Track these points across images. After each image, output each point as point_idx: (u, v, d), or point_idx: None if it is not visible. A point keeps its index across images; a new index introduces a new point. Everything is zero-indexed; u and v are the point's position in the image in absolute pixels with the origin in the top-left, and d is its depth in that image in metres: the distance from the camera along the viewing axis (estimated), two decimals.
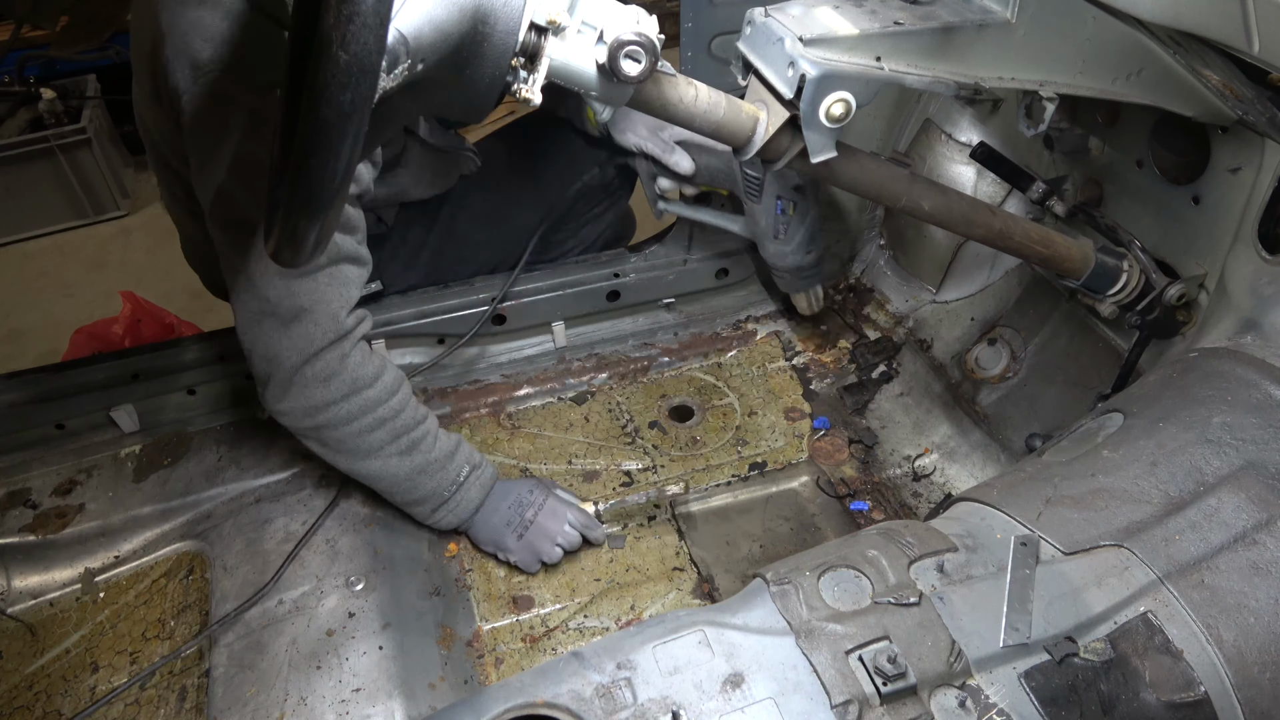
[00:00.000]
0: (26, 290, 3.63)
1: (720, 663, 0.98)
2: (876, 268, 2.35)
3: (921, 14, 1.18)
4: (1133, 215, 1.64)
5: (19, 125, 3.74)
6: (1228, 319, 1.38)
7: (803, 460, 2.00)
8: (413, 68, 0.85)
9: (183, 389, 1.90)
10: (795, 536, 1.84)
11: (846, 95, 1.13)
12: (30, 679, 1.59)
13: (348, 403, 1.54)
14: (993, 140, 1.96)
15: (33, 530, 1.73)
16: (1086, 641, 1.00)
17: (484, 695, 0.97)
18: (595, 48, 1.00)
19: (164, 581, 1.71)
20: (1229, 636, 1.00)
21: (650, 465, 1.97)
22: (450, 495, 1.69)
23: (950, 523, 1.16)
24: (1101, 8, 1.22)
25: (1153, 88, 1.31)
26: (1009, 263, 2.04)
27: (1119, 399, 1.34)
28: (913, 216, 1.44)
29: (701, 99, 1.15)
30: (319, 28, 0.66)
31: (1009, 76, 1.23)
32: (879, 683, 0.94)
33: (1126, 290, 1.57)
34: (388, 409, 1.59)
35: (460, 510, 1.71)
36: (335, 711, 1.41)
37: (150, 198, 4.07)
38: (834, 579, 1.05)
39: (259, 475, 1.80)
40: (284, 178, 0.75)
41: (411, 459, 1.63)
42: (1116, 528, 1.08)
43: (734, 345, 2.26)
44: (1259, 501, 1.07)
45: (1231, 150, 1.42)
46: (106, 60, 3.95)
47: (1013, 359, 1.96)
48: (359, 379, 1.54)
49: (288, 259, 0.84)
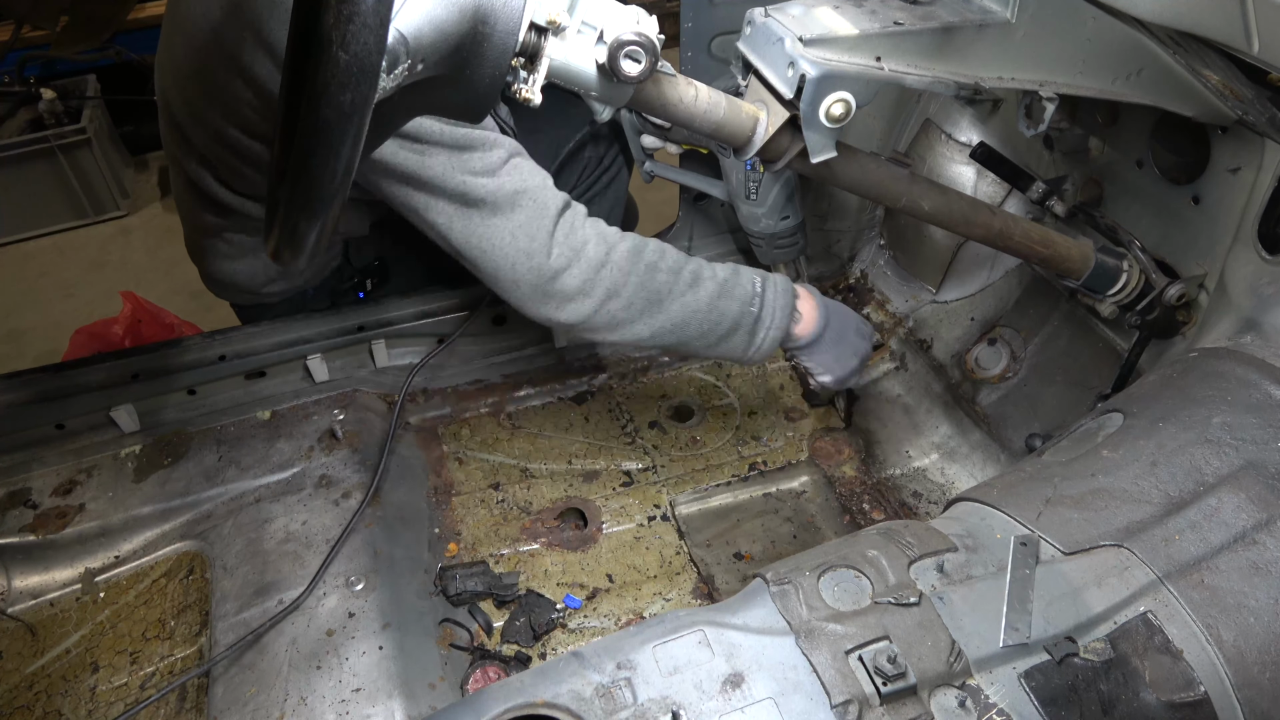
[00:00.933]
0: (26, 290, 3.63)
1: (720, 663, 0.98)
2: (876, 268, 2.35)
3: (921, 14, 1.18)
4: (1133, 215, 1.64)
5: (19, 125, 3.74)
6: (1228, 319, 1.38)
7: (803, 460, 2.00)
8: (413, 68, 0.85)
9: (183, 389, 1.90)
10: (795, 536, 1.84)
11: (846, 95, 1.13)
12: (30, 679, 1.59)
13: (614, 258, 1.49)
14: (993, 140, 1.96)
15: (33, 530, 1.73)
16: (1086, 641, 1.00)
17: (484, 695, 0.97)
18: (595, 48, 1.00)
19: (164, 581, 1.71)
20: (1229, 636, 1.00)
21: (650, 465, 1.97)
22: (759, 310, 1.57)
23: (950, 523, 1.16)
24: (1101, 8, 1.22)
25: (1153, 88, 1.31)
26: (1009, 263, 2.04)
27: (1119, 399, 1.34)
28: (913, 216, 1.44)
29: (701, 99, 1.15)
30: (319, 28, 0.66)
31: (1009, 76, 1.23)
32: (879, 683, 0.94)
33: (1126, 290, 1.57)
34: (651, 250, 1.52)
35: (777, 318, 1.58)
36: (335, 711, 1.41)
37: (150, 198, 4.06)
38: (834, 579, 1.05)
39: (259, 475, 1.80)
40: (284, 178, 0.75)
41: (703, 285, 1.53)
42: (1116, 528, 1.08)
43: None
44: (1259, 501, 1.07)
45: (1231, 150, 1.42)
46: (106, 60, 3.94)
47: (1013, 359, 1.96)
48: (607, 234, 1.50)
49: (288, 259, 0.84)
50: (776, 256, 2.05)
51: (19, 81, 3.81)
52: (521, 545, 1.81)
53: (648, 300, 1.51)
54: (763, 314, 1.57)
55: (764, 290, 1.58)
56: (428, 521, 1.83)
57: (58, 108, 3.71)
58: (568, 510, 1.89)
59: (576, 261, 1.48)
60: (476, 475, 1.94)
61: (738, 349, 1.59)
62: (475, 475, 1.94)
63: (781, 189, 1.93)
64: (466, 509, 1.87)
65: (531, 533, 1.83)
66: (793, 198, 1.96)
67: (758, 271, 1.61)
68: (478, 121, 1.43)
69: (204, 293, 2.02)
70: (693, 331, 1.55)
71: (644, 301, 1.51)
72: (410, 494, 1.84)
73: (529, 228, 1.46)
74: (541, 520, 1.86)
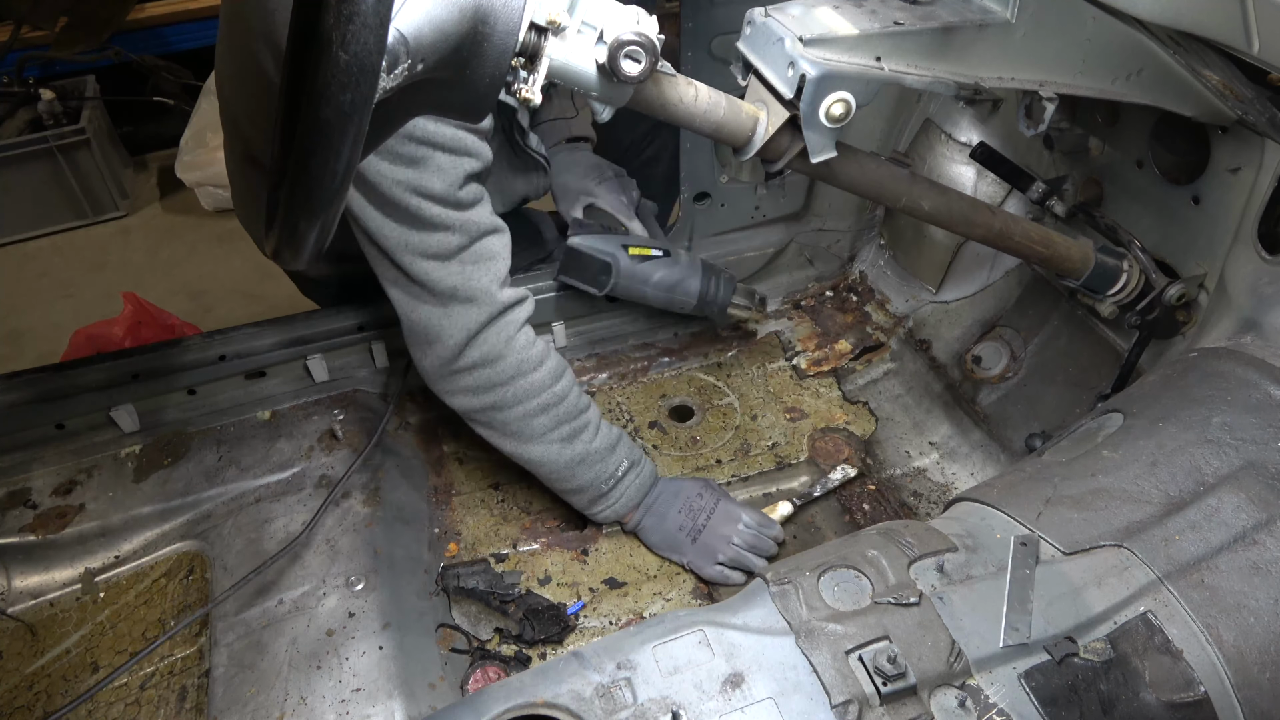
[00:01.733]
0: (26, 290, 3.63)
1: (720, 663, 0.98)
2: (876, 268, 2.36)
3: (921, 14, 1.18)
4: (1133, 215, 1.64)
5: (18, 126, 3.74)
6: (1227, 319, 1.38)
7: (803, 460, 2.00)
8: (413, 68, 0.85)
9: (183, 389, 1.90)
10: (795, 536, 1.84)
11: (846, 95, 1.13)
12: (30, 679, 1.59)
13: (514, 385, 1.58)
14: (993, 140, 1.96)
15: (33, 530, 1.73)
16: (1086, 641, 1.00)
17: (484, 695, 0.97)
18: (595, 48, 1.00)
19: (164, 581, 1.71)
20: (1229, 636, 1.00)
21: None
22: (608, 489, 1.71)
23: (950, 523, 1.16)
24: (1101, 8, 1.22)
25: (1153, 88, 1.31)
26: (1009, 263, 2.04)
27: (1119, 399, 1.34)
28: (913, 216, 1.44)
29: (701, 99, 1.15)
30: (319, 28, 0.66)
31: (1009, 76, 1.23)
32: (879, 683, 0.94)
33: (1126, 290, 1.57)
34: (552, 394, 1.61)
35: (618, 506, 1.73)
36: (335, 711, 1.41)
37: (149, 198, 4.06)
38: (834, 579, 1.05)
39: (259, 475, 1.80)
40: (284, 178, 0.75)
41: (572, 447, 1.65)
42: (1116, 528, 1.08)
43: (734, 345, 2.26)
44: (1259, 501, 1.07)
45: (1231, 150, 1.42)
46: (106, 61, 3.94)
47: (1013, 359, 1.96)
48: (524, 361, 1.58)
49: (288, 259, 0.84)
50: (716, 319, 2.15)
51: (18, 82, 3.81)
52: (522, 545, 1.81)
53: (520, 431, 1.63)
54: (609, 495, 1.72)
55: (624, 476, 1.71)
56: (428, 521, 1.83)
57: (57, 108, 3.71)
58: (568, 510, 1.89)
59: (481, 368, 1.57)
60: (476, 475, 1.94)
61: (579, 505, 1.75)
62: (475, 475, 1.94)
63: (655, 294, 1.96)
64: (467, 509, 1.87)
65: (532, 533, 1.83)
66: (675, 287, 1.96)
67: (632, 454, 1.73)
68: (478, 122, 1.43)
69: (204, 292, 2.03)
70: (544, 474, 1.70)
71: (517, 430, 1.63)
72: (410, 494, 1.84)
73: (453, 323, 1.53)
74: (541, 520, 1.86)
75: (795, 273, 2.37)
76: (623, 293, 1.96)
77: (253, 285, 3.40)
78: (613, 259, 1.92)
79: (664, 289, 1.96)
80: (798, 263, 2.36)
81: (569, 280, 1.97)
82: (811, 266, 2.38)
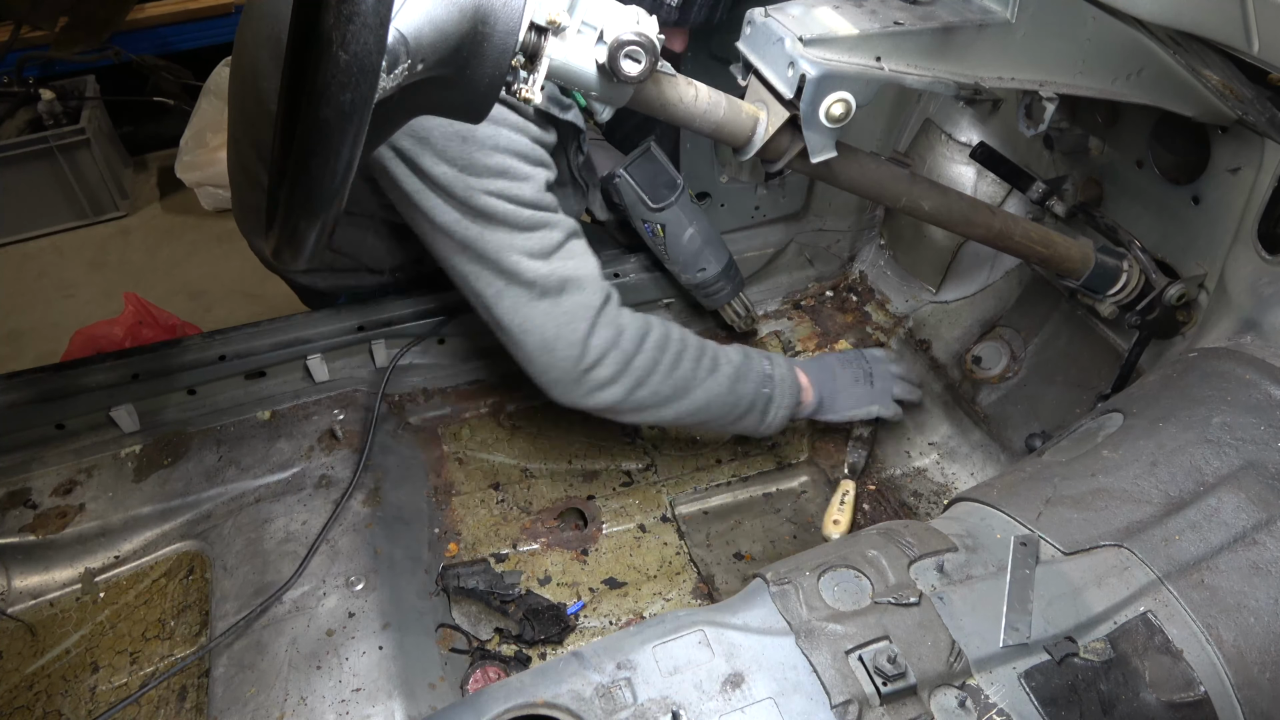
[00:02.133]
0: (26, 290, 3.63)
1: (720, 663, 0.98)
2: (876, 268, 2.36)
3: (921, 14, 1.18)
4: (1133, 215, 1.64)
5: (18, 126, 3.74)
6: (1228, 319, 1.38)
7: (803, 460, 2.00)
8: (413, 68, 0.85)
9: (183, 389, 1.90)
10: (795, 536, 1.84)
11: (846, 95, 1.13)
12: (30, 679, 1.59)
13: (644, 352, 1.57)
14: (993, 140, 1.96)
15: (33, 530, 1.72)
16: (1086, 641, 1.00)
17: (484, 695, 0.97)
18: (595, 48, 1.00)
19: (164, 581, 1.71)
20: (1229, 636, 1.00)
21: (650, 465, 1.97)
22: (771, 390, 1.70)
23: (950, 523, 1.16)
24: (1101, 8, 1.22)
25: (1153, 88, 1.31)
26: (1009, 263, 2.04)
27: (1119, 399, 1.34)
28: (913, 216, 1.45)
29: (701, 99, 1.15)
30: (319, 28, 0.66)
31: (1009, 76, 1.23)
32: (879, 683, 0.94)
33: (1126, 290, 1.57)
34: (675, 340, 1.62)
35: (787, 397, 1.72)
36: (335, 711, 1.41)
37: (149, 198, 4.06)
38: (834, 579, 1.05)
39: (259, 475, 1.80)
40: (284, 178, 0.75)
41: (721, 371, 1.65)
42: (1116, 528, 1.08)
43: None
44: (1259, 501, 1.07)
45: (1231, 150, 1.42)
46: (106, 61, 3.94)
47: (1013, 359, 1.96)
48: (640, 327, 1.58)
49: (288, 259, 0.84)
50: (711, 304, 2.11)
51: (18, 82, 3.81)
52: (522, 545, 1.81)
53: (674, 388, 1.61)
54: (774, 394, 1.71)
55: (773, 372, 1.71)
56: (428, 521, 1.83)
57: (57, 108, 3.71)
58: (568, 510, 1.89)
59: (610, 353, 1.55)
60: (476, 475, 1.94)
61: (751, 426, 1.73)
62: (475, 475, 1.94)
63: (688, 243, 1.97)
64: (467, 509, 1.87)
65: (532, 533, 1.83)
66: (704, 249, 1.99)
67: (762, 353, 1.75)
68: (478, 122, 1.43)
69: (204, 293, 2.03)
70: (714, 413, 1.67)
71: (670, 389, 1.61)
72: (410, 494, 1.84)
73: (571, 316, 1.52)
74: (541, 520, 1.86)
75: (795, 273, 2.37)
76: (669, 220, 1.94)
77: (253, 285, 3.39)
78: (681, 181, 1.94)
79: (698, 242, 1.97)
80: (798, 263, 2.36)
81: (631, 183, 1.93)
82: (811, 266, 2.38)
